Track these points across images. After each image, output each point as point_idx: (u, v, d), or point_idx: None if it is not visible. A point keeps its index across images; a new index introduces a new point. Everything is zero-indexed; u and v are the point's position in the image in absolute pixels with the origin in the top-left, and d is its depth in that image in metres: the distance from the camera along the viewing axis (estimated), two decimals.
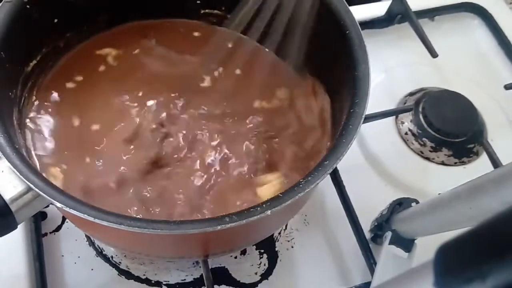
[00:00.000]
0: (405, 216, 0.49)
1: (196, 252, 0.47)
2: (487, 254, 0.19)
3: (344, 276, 0.54)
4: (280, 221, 0.50)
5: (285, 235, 0.56)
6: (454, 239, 0.22)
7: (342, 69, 0.46)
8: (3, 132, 0.39)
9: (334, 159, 0.38)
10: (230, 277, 0.53)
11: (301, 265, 0.55)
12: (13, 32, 0.44)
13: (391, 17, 0.72)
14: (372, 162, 0.62)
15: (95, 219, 0.35)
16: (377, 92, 0.65)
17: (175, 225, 0.35)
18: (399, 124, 0.65)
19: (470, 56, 0.74)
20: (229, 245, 0.47)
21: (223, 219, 0.35)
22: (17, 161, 0.37)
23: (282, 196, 0.37)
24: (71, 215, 0.36)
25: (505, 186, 0.33)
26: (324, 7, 0.47)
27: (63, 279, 0.52)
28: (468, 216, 0.37)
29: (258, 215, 0.35)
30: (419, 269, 0.30)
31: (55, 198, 0.36)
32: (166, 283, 0.53)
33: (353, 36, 0.45)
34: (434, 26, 0.75)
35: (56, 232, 0.55)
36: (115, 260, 0.53)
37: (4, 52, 0.43)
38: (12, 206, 0.37)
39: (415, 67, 0.71)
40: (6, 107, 0.43)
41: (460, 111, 0.63)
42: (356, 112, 0.41)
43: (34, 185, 0.36)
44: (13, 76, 0.46)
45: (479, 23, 0.76)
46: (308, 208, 0.57)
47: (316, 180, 0.37)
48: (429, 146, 0.63)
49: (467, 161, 0.63)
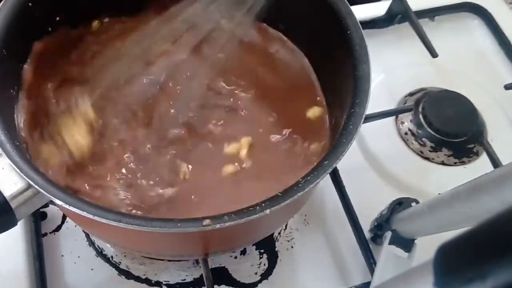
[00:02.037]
0: (405, 216, 0.49)
1: (196, 251, 0.47)
2: (487, 254, 0.19)
3: (344, 276, 0.54)
4: (280, 221, 0.50)
5: (285, 235, 0.56)
6: (454, 239, 0.22)
7: (342, 69, 0.46)
8: (4, 129, 0.39)
9: (334, 159, 0.38)
10: (230, 277, 0.53)
11: (301, 265, 0.55)
12: (15, 30, 0.44)
13: (391, 17, 0.72)
14: (372, 162, 0.62)
15: (94, 216, 0.35)
16: (377, 92, 0.65)
17: (173, 223, 0.35)
18: (399, 124, 0.65)
19: (470, 56, 0.74)
20: (228, 243, 0.47)
21: (222, 218, 0.35)
22: (17, 158, 0.37)
23: (282, 195, 0.37)
24: (71, 212, 0.36)
25: (505, 186, 0.33)
26: (325, 7, 0.47)
27: (63, 279, 0.52)
28: (468, 216, 0.37)
29: (257, 214, 0.35)
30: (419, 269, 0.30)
31: (54, 195, 0.36)
32: (166, 283, 0.53)
33: (354, 36, 0.45)
34: (434, 26, 0.75)
35: (56, 232, 0.55)
36: (115, 260, 0.53)
37: (6, 49, 0.43)
38: (12, 202, 0.38)
39: (415, 67, 0.71)
40: (7, 105, 0.43)
41: (460, 111, 0.63)
42: (356, 112, 0.41)
43: (34, 182, 0.36)
44: (15, 74, 0.46)
45: (479, 23, 0.76)
46: (308, 208, 0.58)
47: (315, 179, 0.37)
48: (429, 146, 0.63)
49: (467, 161, 0.63)
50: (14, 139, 0.39)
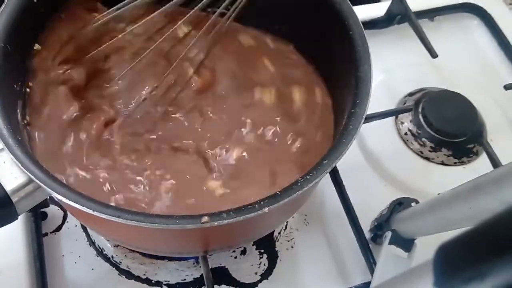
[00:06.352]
0: (405, 216, 0.49)
1: (194, 248, 0.47)
2: (487, 254, 0.19)
3: (344, 276, 0.55)
4: (279, 220, 0.50)
5: (285, 235, 0.56)
6: (454, 239, 0.22)
7: (344, 69, 0.46)
8: (6, 124, 0.39)
9: (333, 158, 0.39)
10: (230, 277, 0.53)
11: (301, 265, 0.55)
12: (19, 26, 0.44)
13: (391, 17, 0.72)
14: (372, 162, 0.62)
15: (94, 211, 0.35)
16: (377, 92, 0.65)
17: (172, 219, 0.35)
18: (399, 124, 0.65)
19: (470, 56, 0.74)
20: (227, 241, 0.47)
21: (221, 215, 0.35)
22: (19, 153, 0.37)
23: (280, 194, 0.37)
24: (71, 207, 0.36)
25: (504, 186, 0.33)
26: (327, 7, 0.47)
27: (64, 279, 0.52)
28: (467, 216, 0.37)
29: (256, 212, 0.36)
30: (418, 269, 0.30)
31: (55, 190, 0.36)
32: (167, 283, 0.53)
33: (356, 37, 0.45)
34: (434, 27, 0.75)
35: (57, 232, 0.55)
36: (115, 260, 0.53)
37: (10, 45, 0.43)
38: (13, 197, 0.38)
39: (415, 67, 0.71)
40: (10, 99, 0.44)
41: (459, 111, 0.63)
42: (356, 113, 0.41)
43: (35, 177, 0.36)
44: (19, 69, 0.46)
45: (479, 24, 0.77)
46: (308, 208, 0.58)
47: (314, 179, 0.38)
48: (428, 146, 0.63)
49: (467, 161, 0.63)
50: (16, 133, 0.39)
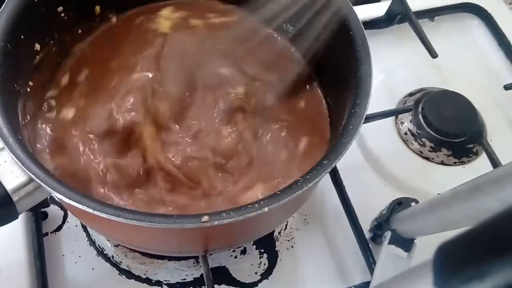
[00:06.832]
0: (404, 216, 0.49)
1: (194, 247, 0.47)
2: (486, 254, 0.19)
3: (343, 276, 0.55)
4: (279, 219, 0.50)
5: (285, 235, 0.56)
6: (453, 239, 0.22)
7: (344, 69, 0.46)
8: (7, 123, 0.39)
9: (333, 158, 0.39)
10: (230, 277, 0.54)
11: (301, 265, 0.55)
12: (20, 26, 0.44)
13: (391, 17, 0.72)
14: (372, 162, 0.62)
15: (94, 210, 0.35)
16: (377, 92, 0.65)
17: (172, 219, 0.35)
18: (399, 124, 0.65)
19: (470, 56, 0.74)
20: (227, 241, 0.47)
21: (221, 215, 0.35)
22: (19, 152, 0.37)
23: (280, 193, 0.37)
24: (71, 206, 0.36)
25: (504, 186, 0.33)
26: (328, 7, 0.47)
27: (64, 278, 0.52)
28: (467, 216, 0.37)
29: (256, 212, 0.36)
30: (418, 268, 0.30)
31: (55, 189, 0.36)
32: (167, 282, 0.53)
33: (356, 37, 0.45)
34: (434, 26, 0.75)
35: (57, 232, 0.55)
36: (115, 260, 0.54)
37: (11, 44, 0.43)
38: (14, 196, 0.38)
39: (415, 67, 0.71)
40: (11, 99, 0.44)
41: (459, 111, 0.63)
42: (357, 113, 0.41)
43: (35, 176, 0.37)
44: (19, 69, 0.46)
45: (479, 24, 0.77)
46: (308, 208, 0.58)
47: (314, 178, 0.38)
48: (428, 146, 0.63)
49: (467, 161, 0.63)
50: (16, 132, 0.39)
